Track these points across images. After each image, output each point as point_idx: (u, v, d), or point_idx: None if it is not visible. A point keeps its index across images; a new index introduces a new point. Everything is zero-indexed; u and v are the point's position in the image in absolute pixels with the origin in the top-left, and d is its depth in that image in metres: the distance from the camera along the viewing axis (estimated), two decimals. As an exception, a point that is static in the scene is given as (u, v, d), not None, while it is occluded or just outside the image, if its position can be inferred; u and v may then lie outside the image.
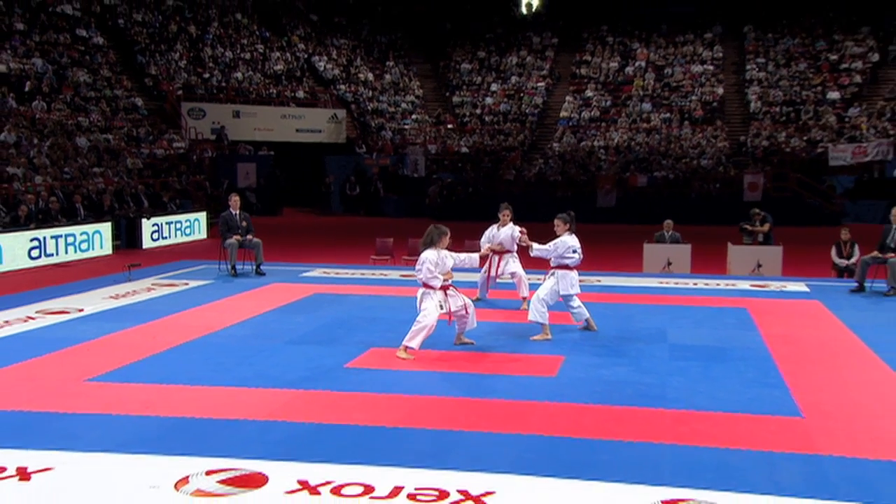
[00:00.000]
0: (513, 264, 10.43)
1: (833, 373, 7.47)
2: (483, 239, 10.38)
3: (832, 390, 6.90)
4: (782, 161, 29.12)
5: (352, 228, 24.96)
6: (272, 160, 30.13)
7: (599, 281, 12.73)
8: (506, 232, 10.30)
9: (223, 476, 4.86)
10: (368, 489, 4.76)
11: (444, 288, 8.12)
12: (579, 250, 8.82)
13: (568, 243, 8.79)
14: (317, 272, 13.62)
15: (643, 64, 36.56)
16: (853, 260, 13.26)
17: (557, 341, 8.65)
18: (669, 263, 14.94)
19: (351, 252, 17.72)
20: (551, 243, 8.85)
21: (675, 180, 28.26)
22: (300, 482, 4.81)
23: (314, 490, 4.72)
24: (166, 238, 19.65)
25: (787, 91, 33.36)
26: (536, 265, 10.21)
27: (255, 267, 13.07)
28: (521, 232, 9.57)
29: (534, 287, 9.65)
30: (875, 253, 11.68)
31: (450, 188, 29.90)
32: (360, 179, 30.93)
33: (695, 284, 12.61)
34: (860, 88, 32.70)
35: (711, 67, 35.77)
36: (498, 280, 10.66)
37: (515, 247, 10.31)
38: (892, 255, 11.41)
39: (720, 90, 34.50)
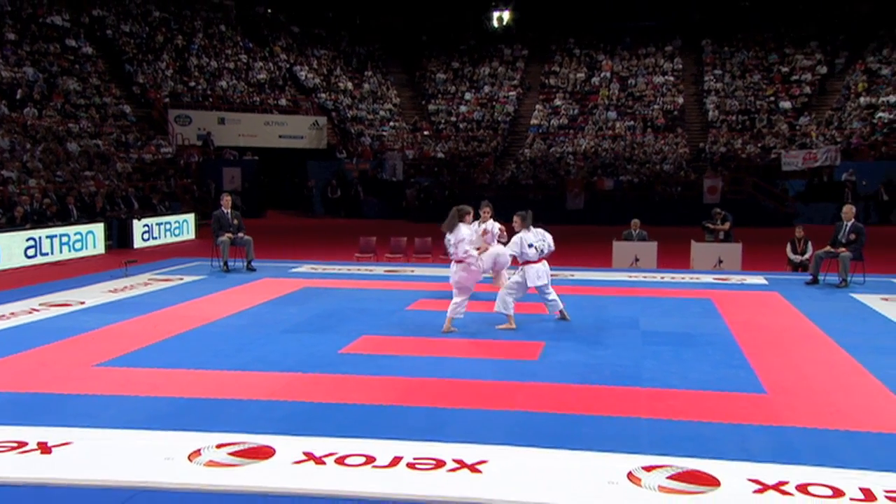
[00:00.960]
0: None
1: (792, 355, 7.69)
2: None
3: (792, 370, 7.11)
4: (739, 166, 29.57)
5: (334, 229, 24.97)
6: (256, 165, 30.03)
7: (573, 276, 12.91)
8: (488, 228, 10.41)
9: (233, 449, 4.94)
10: (370, 459, 4.86)
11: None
12: (536, 244, 8.90)
13: (525, 240, 8.90)
14: (305, 268, 13.66)
15: (608, 75, 36.95)
16: (806, 256, 13.57)
17: (537, 329, 8.80)
18: (637, 259, 15.18)
19: (335, 250, 17.76)
20: (511, 242, 9.03)
21: (639, 184, 28.58)
22: (306, 454, 4.89)
23: (319, 461, 4.81)
24: (156, 238, 19.54)
25: (742, 101, 33.91)
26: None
27: (246, 263, 13.08)
28: (500, 230, 9.71)
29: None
30: (828, 248, 11.98)
31: (427, 191, 30.01)
32: (341, 183, 30.94)
33: (661, 278, 12.82)
34: (809, 99, 33.34)
35: (672, 78, 36.25)
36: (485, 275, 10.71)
37: (496, 241, 10.43)
38: (843, 249, 11.71)
39: (680, 100, 34.97)
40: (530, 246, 8.93)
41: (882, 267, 13.28)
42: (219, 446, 4.97)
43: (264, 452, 4.90)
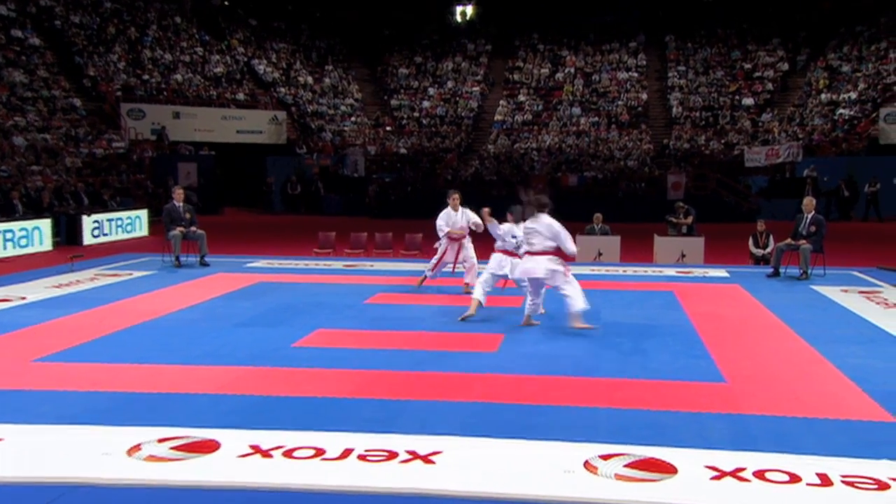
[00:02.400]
0: (469, 250, 10.46)
1: (752, 345, 7.75)
2: (441, 222, 10.32)
3: (752, 359, 7.16)
4: (702, 162, 29.87)
5: (293, 226, 24.69)
6: (213, 160, 29.60)
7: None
8: (463, 217, 10.29)
9: (175, 443, 4.80)
10: (319, 451, 4.75)
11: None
12: (519, 237, 8.99)
13: (512, 231, 9.05)
14: (261, 263, 13.48)
15: (572, 70, 37.15)
16: (769, 249, 13.74)
17: (496, 321, 8.76)
18: (600, 253, 15.25)
19: (293, 246, 17.56)
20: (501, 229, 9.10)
21: (603, 180, 28.76)
22: (252, 447, 4.78)
23: (266, 454, 4.69)
24: (107, 235, 19.12)
25: (705, 97, 34.33)
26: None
27: (199, 258, 12.85)
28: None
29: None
30: (789, 240, 12.13)
31: (389, 188, 29.86)
32: (301, 179, 30.63)
33: (624, 272, 12.89)
34: (772, 95, 33.88)
35: (636, 74, 36.56)
36: (457, 268, 10.59)
37: (467, 231, 10.37)
38: (804, 241, 11.87)
39: (644, 96, 35.28)
40: (513, 237, 9.01)
41: (842, 260, 13.50)
42: (160, 441, 4.82)
43: (209, 446, 4.77)
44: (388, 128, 35.31)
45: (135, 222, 20.47)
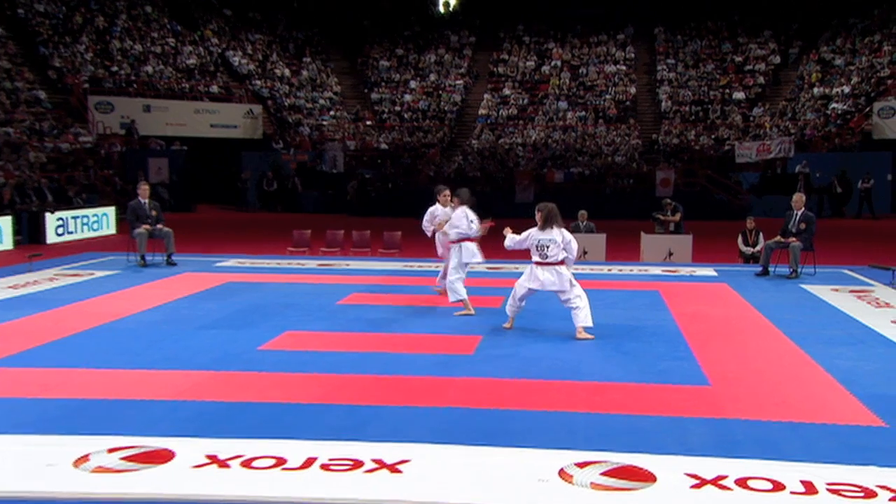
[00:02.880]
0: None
1: (739, 346, 7.71)
2: (427, 218, 9.94)
3: (738, 361, 7.12)
4: (692, 158, 29.96)
5: (269, 224, 24.51)
6: (185, 155, 29.34)
7: (517, 268, 12.82)
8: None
9: (126, 453, 4.67)
10: (280, 461, 4.64)
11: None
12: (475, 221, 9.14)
13: (467, 215, 9.08)
14: (231, 262, 13.35)
15: (559, 63, 37.15)
16: (758, 247, 13.74)
17: (475, 322, 8.69)
18: (585, 252, 15.18)
19: (267, 245, 17.41)
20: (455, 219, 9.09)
21: (590, 176, 28.75)
22: (209, 456, 4.66)
23: (223, 463, 4.58)
24: (72, 233, 18.88)
25: (695, 91, 34.42)
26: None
27: (165, 257, 12.68)
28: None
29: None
30: (778, 238, 12.12)
31: (369, 184, 29.71)
32: (278, 175, 30.40)
33: (608, 270, 12.86)
34: (763, 89, 34.02)
35: (624, 68, 36.61)
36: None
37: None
38: (794, 239, 11.87)
39: (633, 90, 35.33)
40: (471, 221, 9.02)
41: (833, 258, 13.52)
42: (111, 450, 4.69)
43: (162, 456, 4.64)
44: (368, 122, 35.15)
45: (101, 220, 20.22)
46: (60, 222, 18.60)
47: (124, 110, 29.38)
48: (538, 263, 8.13)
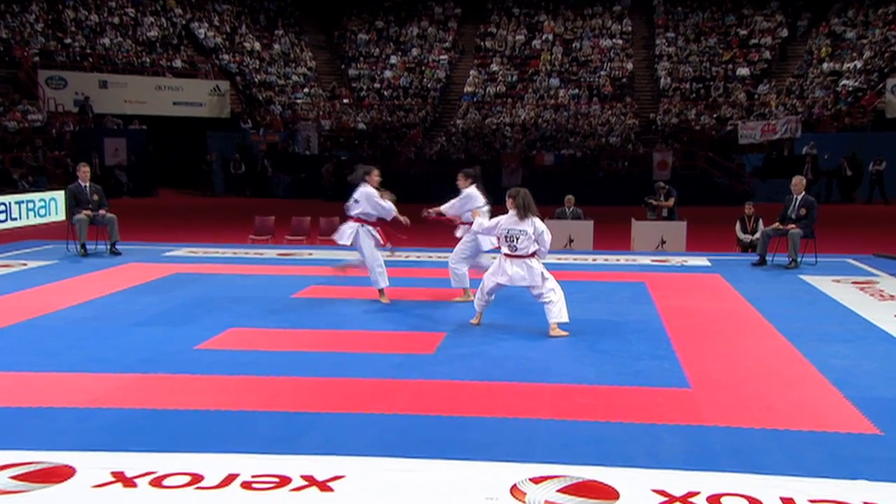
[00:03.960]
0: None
1: (726, 343, 7.52)
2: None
3: (724, 361, 6.92)
4: (692, 139, 29.86)
5: (235, 210, 24.19)
6: (145, 135, 28.97)
7: (494, 258, 12.60)
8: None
9: (19, 471, 4.40)
10: (196, 478, 4.39)
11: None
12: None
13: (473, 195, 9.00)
14: (182, 251, 13.10)
15: (550, 37, 36.87)
16: (757, 235, 13.55)
17: (440, 317, 8.51)
18: (571, 240, 15.02)
19: (229, 232, 17.13)
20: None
21: (582, 158, 28.61)
22: (114, 474, 4.40)
23: (129, 482, 4.32)
24: (15, 220, 18.54)
25: (696, 67, 34.24)
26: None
27: (108, 246, 12.41)
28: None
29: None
30: (776, 224, 11.93)
31: (345, 167, 29.37)
32: (246, 157, 30.08)
33: (594, 260, 12.68)
34: (769, 65, 33.85)
35: (620, 42, 36.37)
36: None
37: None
38: (793, 226, 11.67)
39: (629, 65, 35.12)
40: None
41: (836, 246, 13.36)
42: (3, 468, 4.43)
43: (60, 474, 4.38)
44: (345, 100, 34.87)
45: (49, 205, 19.88)
46: (2, 208, 18.25)
47: (78, 86, 28.98)
48: (507, 256, 7.89)
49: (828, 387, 6.22)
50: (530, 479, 4.49)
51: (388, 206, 9.01)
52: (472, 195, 9.16)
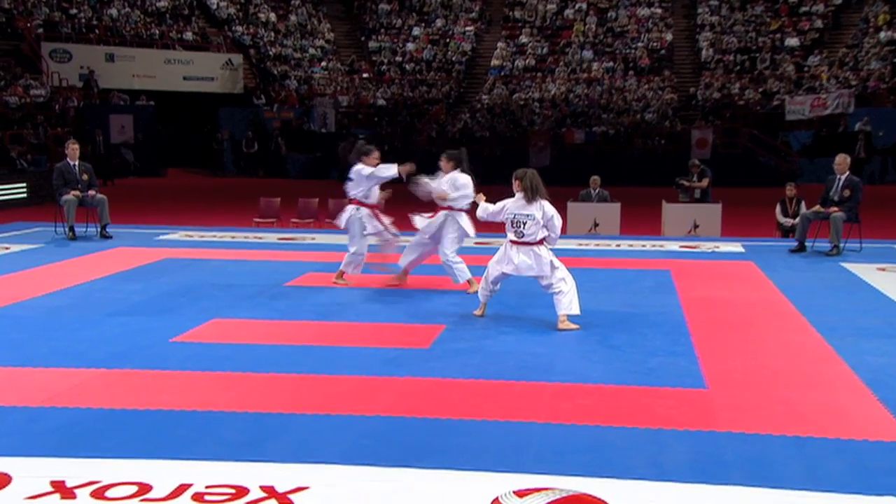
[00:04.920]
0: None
1: (751, 339, 7.24)
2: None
3: (747, 358, 6.64)
4: (734, 115, 29.42)
5: (246, 191, 24.12)
6: (153, 112, 28.98)
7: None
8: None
9: (-47, 477, 4.25)
10: (144, 489, 4.21)
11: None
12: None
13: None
14: (177, 235, 13.04)
15: (584, 6, 36.28)
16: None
17: (442, 309, 8.28)
18: (596, 224, 14.72)
19: (235, 215, 17.03)
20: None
21: (615, 136, 28.30)
22: (54, 483, 4.22)
23: (69, 492, 4.14)
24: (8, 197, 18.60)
25: (741, 37, 33.55)
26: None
27: (99, 228, 12.34)
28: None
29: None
30: (817, 207, 11.56)
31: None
32: (259, 135, 30.01)
33: (617, 246, 12.42)
34: (821, 34, 33.07)
35: (659, 11, 35.70)
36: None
37: None
38: (836, 209, 11.28)
39: (669, 36, 34.53)
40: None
41: (885, 231, 12.99)
42: (-69, 475, 4.28)
43: (-5, 482, 4.22)
44: (364, 75, 34.69)
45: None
46: (-1, 188, 18.36)
47: (84, 60, 29.04)
48: (513, 243, 7.63)
49: (860, 388, 5.92)
50: (514, 493, 4.26)
51: (386, 170, 8.78)
52: (460, 181, 8.80)
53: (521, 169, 7.77)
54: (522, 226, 7.54)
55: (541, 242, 7.60)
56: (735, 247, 12.22)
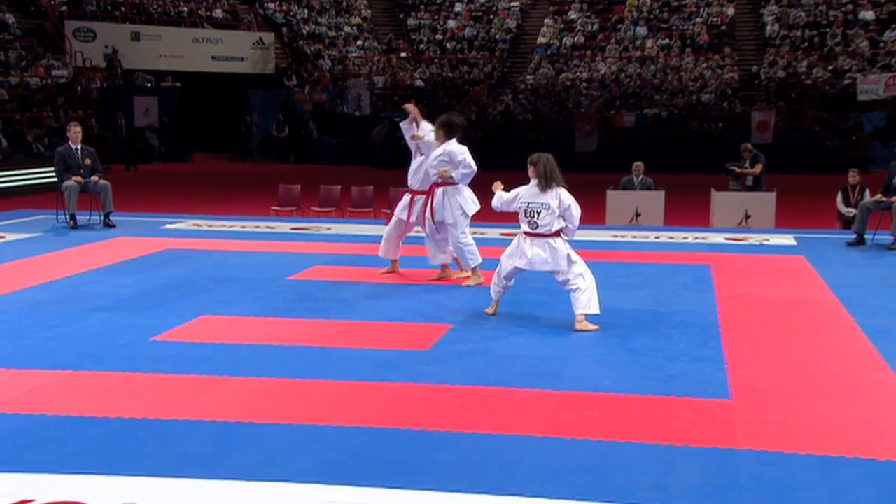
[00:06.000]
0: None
1: (789, 342, 6.88)
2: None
3: (781, 364, 6.29)
4: (801, 95, 28.80)
5: (273, 177, 23.98)
6: (179, 93, 29.12)
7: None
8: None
9: None
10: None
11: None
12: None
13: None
14: (185, 224, 13.00)
15: (638, -21, 35.77)
16: (861, 209, 12.71)
17: (453, 306, 8.04)
18: (638, 214, 14.35)
19: (255, 203, 16.96)
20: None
21: (668, 119, 27.82)
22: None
23: (-6, 510, 3.98)
24: (24, 182, 18.78)
25: (810, 11, 32.78)
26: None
27: (102, 217, 12.32)
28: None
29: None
30: (878, 196, 11.11)
31: (399, 129, 29.04)
32: (290, 118, 29.99)
33: (656, 238, 12.09)
34: (899, 7, 32.13)
35: (720, -17, 35.05)
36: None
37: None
38: (899, 198, 10.82)
39: (730, 11, 33.92)
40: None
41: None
42: None
43: None
44: (402, 54, 34.59)
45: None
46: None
47: (109, 39, 29.31)
48: (527, 234, 7.33)
49: (906, 402, 5.53)
50: (487, 518, 3.99)
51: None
52: (458, 155, 8.53)
53: (537, 153, 7.46)
54: (536, 216, 7.23)
55: (557, 234, 7.28)
56: (786, 239, 11.81)
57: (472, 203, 8.72)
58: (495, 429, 5.07)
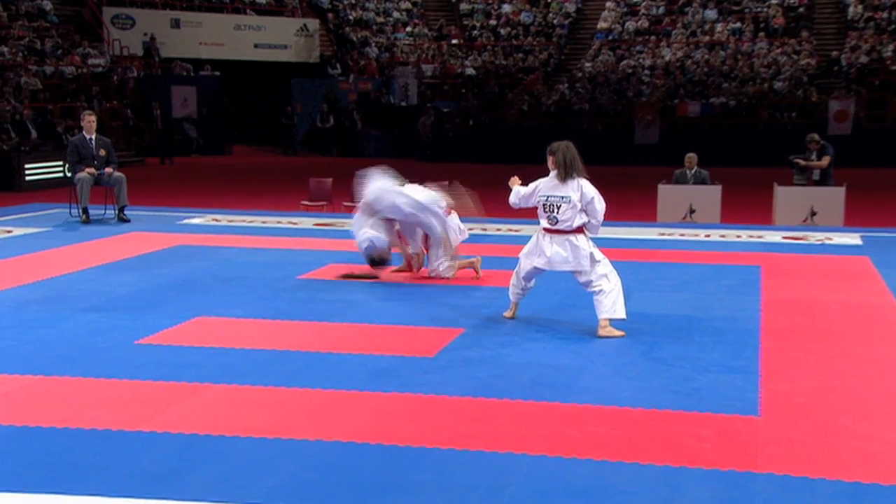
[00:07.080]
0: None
1: (835, 352, 6.52)
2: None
3: (820, 377, 5.95)
4: (885, 83, 28.00)
5: (315, 170, 23.88)
6: (218, 83, 29.29)
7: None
8: None
9: None
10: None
11: None
12: None
13: None
14: (204, 219, 12.98)
15: (709, -42, 35.13)
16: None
17: (469, 309, 7.81)
18: (693, 210, 13.92)
19: (289, 198, 16.90)
20: None
21: (737, 108, 27.25)
22: None
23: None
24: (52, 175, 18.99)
25: (898, -9, 31.80)
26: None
27: (116, 210, 12.34)
28: None
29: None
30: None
31: (447, 120, 28.88)
32: (333, 109, 29.99)
33: (707, 236, 11.72)
34: None
35: (799, -38, 34.22)
36: None
37: None
38: (979, 194, 10.28)
39: (809, -9, 33.06)
40: None
41: None
42: None
43: None
44: (453, 41, 34.47)
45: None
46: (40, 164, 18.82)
47: (148, 26, 29.62)
48: (546, 231, 7.03)
49: (962, 422, 5.14)
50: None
51: None
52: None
53: (557, 141, 7.16)
54: (556, 210, 6.93)
55: (579, 230, 6.98)
56: (852, 238, 11.39)
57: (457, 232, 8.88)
58: (488, 446, 4.82)
